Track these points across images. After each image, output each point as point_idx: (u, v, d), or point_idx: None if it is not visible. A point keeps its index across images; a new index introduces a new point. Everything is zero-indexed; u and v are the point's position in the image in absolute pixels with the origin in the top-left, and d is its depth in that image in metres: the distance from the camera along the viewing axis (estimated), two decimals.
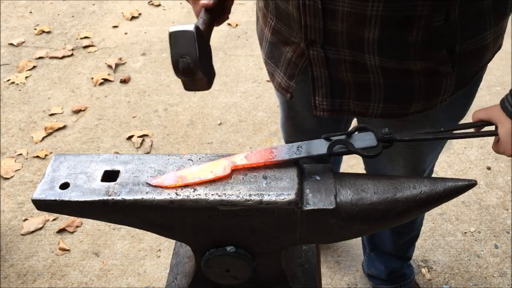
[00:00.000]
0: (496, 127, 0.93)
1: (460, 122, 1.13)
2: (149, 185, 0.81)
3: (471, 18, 0.90)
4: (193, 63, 0.78)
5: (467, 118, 1.08)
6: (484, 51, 0.98)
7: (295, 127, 1.39)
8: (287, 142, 1.47)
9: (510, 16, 1.01)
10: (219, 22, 0.97)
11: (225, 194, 0.79)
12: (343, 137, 0.86)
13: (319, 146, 0.85)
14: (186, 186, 0.80)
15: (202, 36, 0.82)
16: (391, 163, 1.26)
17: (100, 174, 0.84)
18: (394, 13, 0.86)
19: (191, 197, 0.79)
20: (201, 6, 0.90)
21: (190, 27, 0.78)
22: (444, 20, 0.87)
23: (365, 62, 0.95)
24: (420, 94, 0.99)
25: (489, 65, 1.07)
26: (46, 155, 2.45)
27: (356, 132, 0.88)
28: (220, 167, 0.83)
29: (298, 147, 0.86)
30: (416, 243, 1.70)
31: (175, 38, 0.78)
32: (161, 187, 0.81)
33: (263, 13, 1.12)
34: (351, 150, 0.84)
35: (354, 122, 1.59)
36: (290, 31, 1.02)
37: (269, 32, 1.10)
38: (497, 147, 0.95)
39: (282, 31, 1.05)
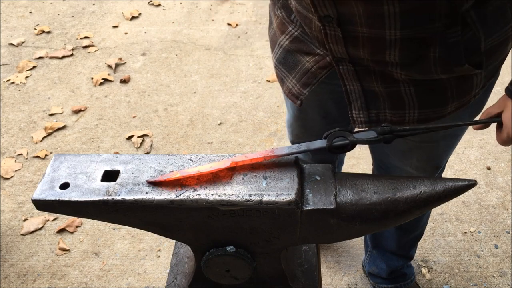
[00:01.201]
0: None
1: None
2: (149, 182, 0.81)
3: (491, 15, 0.90)
4: None
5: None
6: (508, 43, 0.99)
7: (304, 129, 1.39)
8: (293, 143, 1.46)
9: None
10: None
11: (225, 194, 0.79)
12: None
13: (320, 143, 0.86)
14: (185, 185, 0.80)
15: None
16: (403, 158, 1.26)
17: (100, 174, 0.84)
18: (411, 35, 0.87)
19: (191, 197, 0.78)
20: None
21: None
22: (461, 36, 0.88)
23: (392, 74, 0.97)
24: (453, 96, 1.00)
25: None
26: (46, 155, 2.45)
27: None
28: (220, 163, 0.83)
29: (298, 146, 0.86)
30: None
31: None
32: (161, 181, 0.81)
33: (281, 20, 1.11)
34: (351, 141, 0.84)
35: None
36: (316, 44, 1.03)
37: (287, 39, 1.10)
38: (501, 135, 0.97)
39: (306, 42, 1.05)
